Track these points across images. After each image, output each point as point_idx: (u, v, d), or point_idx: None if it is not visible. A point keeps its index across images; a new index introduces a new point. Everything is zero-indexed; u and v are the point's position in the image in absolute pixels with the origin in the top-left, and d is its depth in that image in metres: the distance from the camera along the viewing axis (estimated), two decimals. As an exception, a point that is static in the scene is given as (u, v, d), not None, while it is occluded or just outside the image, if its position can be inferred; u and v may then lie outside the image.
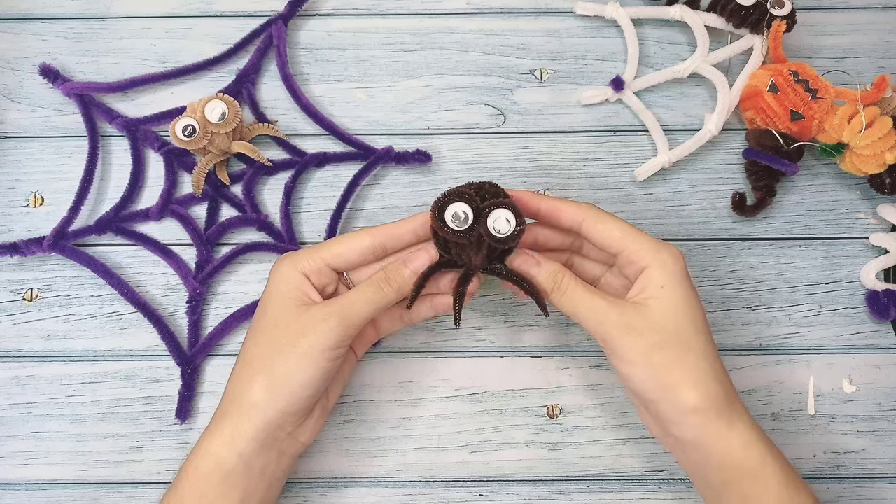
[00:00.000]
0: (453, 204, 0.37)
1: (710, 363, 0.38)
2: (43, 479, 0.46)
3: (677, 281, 0.38)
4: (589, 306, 0.38)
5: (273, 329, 0.38)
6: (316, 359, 0.37)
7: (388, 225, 0.40)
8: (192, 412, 0.46)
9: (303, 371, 0.37)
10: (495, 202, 0.37)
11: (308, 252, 0.39)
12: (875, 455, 0.46)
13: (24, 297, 0.48)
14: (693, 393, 0.37)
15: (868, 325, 0.48)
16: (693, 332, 0.38)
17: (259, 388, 0.37)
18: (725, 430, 0.37)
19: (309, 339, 0.37)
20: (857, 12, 0.53)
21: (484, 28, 0.53)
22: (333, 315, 0.38)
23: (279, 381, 0.37)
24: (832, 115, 0.46)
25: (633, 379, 0.38)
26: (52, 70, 0.50)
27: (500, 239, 0.37)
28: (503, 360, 0.47)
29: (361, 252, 0.40)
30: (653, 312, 0.38)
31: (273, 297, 0.39)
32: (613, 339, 0.38)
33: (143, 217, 0.49)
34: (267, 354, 0.38)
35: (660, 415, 0.38)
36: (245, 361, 0.39)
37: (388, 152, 0.49)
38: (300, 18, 0.53)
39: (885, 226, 0.49)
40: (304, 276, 0.39)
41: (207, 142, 0.47)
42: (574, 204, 0.40)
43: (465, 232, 0.37)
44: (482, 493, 0.46)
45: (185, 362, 0.46)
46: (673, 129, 0.51)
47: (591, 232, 0.40)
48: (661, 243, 0.39)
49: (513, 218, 0.37)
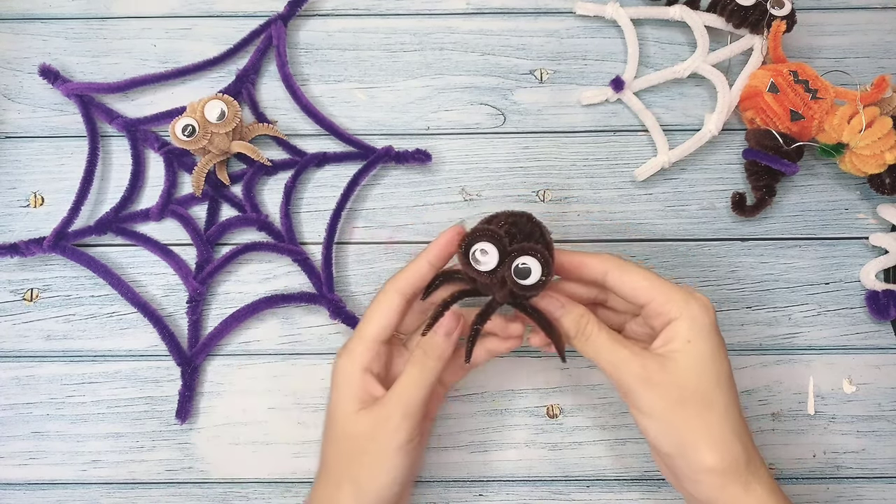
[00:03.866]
0: (480, 243, 0.36)
1: (731, 423, 0.37)
2: (43, 479, 0.46)
3: (705, 335, 0.37)
4: (611, 355, 0.37)
5: (345, 440, 0.39)
6: (393, 459, 0.37)
7: (407, 269, 0.40)
8: (192, 412, 0.46)
9: (386, 473, 0.38)
10: (523, 248, 0.36)
11: (357, 341, 0.39)
12: (875, 455, 0.46)
13: (24, 297, 0.48)
14: (711, 454, 0.36)
15: (868, 325, 0.48)
16: (717, 389, 0.37)
17: (348, 496, 0.38)
18: (742, 494, 0.36)
19: (380, 443, 0.38)
20: (857, 12, 0.53)
21: (484, 28, 0.53)
22: (394, 413, 0.37)
23: (365, 488, 0.38)
24: (832, 115, 0.46)
25: (651, 433, 0.37)
26: (52, 70, 0.50)
27: (524, 287, 0.36)
28: (503, 360, 0.47)
29: (399, 311, 0.39)
30: (677, 367, 0.37)
31: (338, 405, 0.39)
32: (633, 392, 0.37)
33: (143, 217, 0.49)
34: (346, 464, 0.38)
35: (675, 469, 0.37)
36: (327, 468, 0.39)
37: (388, 152, 0.49)
38: (300, 18, 0.53)
39: (884, 226, 0.49)
40: (364, 371, 0.39)
41: (207, 142, 0.47)
42: (596, 256, 0.39)
43: (488, 274, 0.36)
44: (482, 493, 0.46)
45: (186, 362, 0.46)
46: (673, 129, 0.51)
47: (616, 284, 0.38)
48: (690, 293, 0.38)
49: (539, 268, 0.36)
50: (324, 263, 0.48)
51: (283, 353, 0.48)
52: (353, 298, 0.48)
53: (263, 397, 0.47)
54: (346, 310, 0.47)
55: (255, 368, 0.47)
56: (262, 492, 0.46)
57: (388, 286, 0.40)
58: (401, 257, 0.49)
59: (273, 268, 0.49)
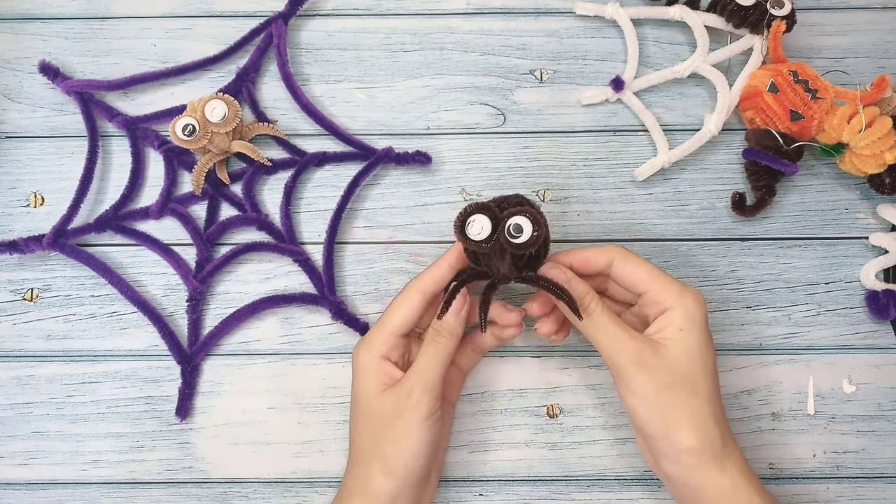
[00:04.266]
0: (472, 216, 0.38)
1: (712, 408, 0.39)
2: (43, 479, 0.46)
3: (696, 326, 0.39)
4: (610, 335, 0.39)
5: (369, 419, 0.41)
6: (416, 432, 0.39)
7: (428, 270, 0.42)
8: (191, 410, 0.46)
9: (410, 446, 0.39)
10: (512, 210, 0.38)
11: (377, 333, 0.41)
12: (875, 455, 0.46)
13: (24, 297, 0.48)
14: (691, 434, 0.38)
15: (868, 325, 0.48)
16: (703, 376, 0.39)
17: (377, 473, 0.40)
18: (717, 473, 0.38)
19: (403, 418, 0.39)
20: (857, 12, 0.53)
21: (484, 28, 0.53)
22: (414, 388, 0.40)
23: (392, 463, 0.40)
24: (832, 115, 0.46)
25: (639, 413, 0.39)
26: (52, 67, 0.50)
27: (518, 245, 0.37)
28: (503, 360, 0.47)
29: (419, 308, 0.41)
30: (669, 353, 0.39)
31: (361, 389, 0.41)
32: (626, 373, 0.39)
33: (142, 215, 0.49)
34: (372, 442, 0.40)
35: (656, 450, 0.40)
36: (356, 450, 0.42)
37: (388, 153, 0.49)
38: (300, 19, 0.53)
39: (884, 226, 0.49)
40: (382, 358, 0.41)
41: (207, 141, 0.47)
42: (600, 248, 0.41)
43: (485, 242, 0.38)
44: (482, 493, 0.46)
45: (185, 360, 0.46)
46: (673, 129, 0.51)
47: (619, 272, 0.41)
48: (684, 287, 0.40)
49: (529, 224, 0.37)
50: (325, 265, 0.48)
51: (283, 353, 0.48)
52: (353, 298, 0.48)
53: (263, 397, 0.47)
54: (348, 311, 0.47)
55: (255, 368, 0.47)
56: (262, 492, 0.46)
57: (409, 286, 0.42)
58: (401, 257, 0.49)
59: (273, 268, 0.49)
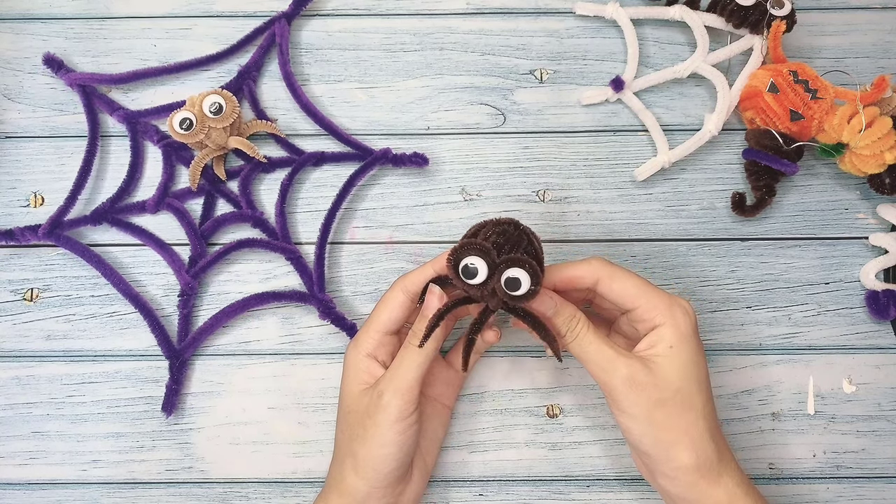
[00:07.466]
0: (468, 258, 0.37)
1: (707, 422, 0.39)
2: (43, 479, 0.46)
3: (687, 340, 0.39)
4: (598, 356, 0.39)
5: (347, 416, 0.41)
6: (387, 435, 0.39)
7: (415, 270, 0.41)
8: (177, 406, 0.46)
9: (379, 448, 0.39)
10: (511, 260, 0.36)
11: (364, 331, 0.42)
12: (875, 455, 0.46)
13: (24, 297, 0.48)
14: (688, 453, 0.38)
15: (868, 325, 0.48)
16: (696, 391, 0.39)
17: (349, 471, 0.40)
18: (714, 488, 0.38)
19: (374, 419, 0.39)
20: (857, 12, 0.53)
21: (484, 28, 0.53)
22: (385, 391, 0.39)
23: (363, 463, 0.39)
24: (832, 115, 0.46)
25: (632, 432, 0.39)
26: (56, 60, 0.50)
27: (514, 297, 0.36)
28: (503, 360, 0.47)
29: (403, 307, 0.41)
30: (659, 370, 0.38)
31: (344, 387, 0.42)
32: (617, 392, 0.38)
33: (139, 209, 0.49)
34: (348, 440, 0.40)
35: (652, 467, 0.39)
36: (336, 446, 0.42)
37: (386, 154, 0.49)
38: (301, 19, 0.53)
39: (884, 226, 0.49)
40: (369, 357, 0.41)
41: (204, 136, 0.47)
42: (584, 264, 0.40)
43: (479, 287, 0.37)
44: (482, 493, 0.46)
45: (174, 356, 0.46)
46: (673, 130, 0.51)
47: (606, 291, 0.40)
48: (673, 300, 0.40)
49: (527, 278, 0.36)
50: (316, 263, 0.48)
51: (283, 353, 0.48)
52: (352, 298, 0.48)
53: (263, 397, 0.47)
54: (336, 310, 0.47)
55: (255, 368, 0.47)
56: (262, 492, 0.46)
57: (395, 284, 0.42)
58: (400, 257, 0.49)
59: (273, 268, 0.49)
